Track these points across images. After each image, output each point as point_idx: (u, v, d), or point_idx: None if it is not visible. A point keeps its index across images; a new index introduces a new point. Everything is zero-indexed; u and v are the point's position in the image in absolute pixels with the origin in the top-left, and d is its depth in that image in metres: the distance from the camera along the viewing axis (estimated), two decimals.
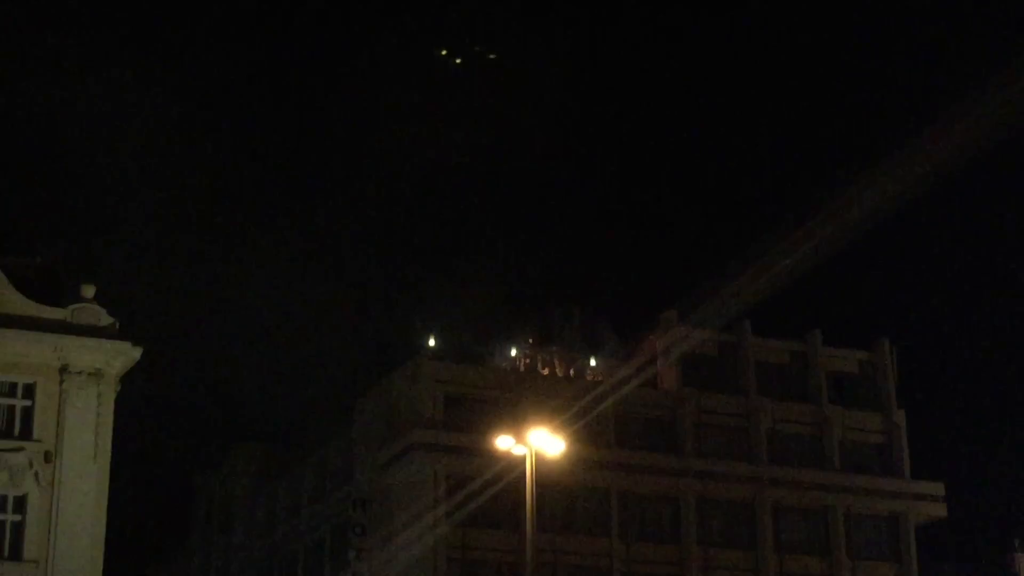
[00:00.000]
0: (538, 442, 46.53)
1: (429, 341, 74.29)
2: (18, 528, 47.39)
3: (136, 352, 49.99)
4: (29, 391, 48.64)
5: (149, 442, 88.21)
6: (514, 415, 67.46)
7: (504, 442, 48.00)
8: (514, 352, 75.83)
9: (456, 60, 72.24)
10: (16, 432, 48.21)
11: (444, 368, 71.95)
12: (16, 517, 47.52)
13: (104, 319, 49.85)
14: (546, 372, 75.86)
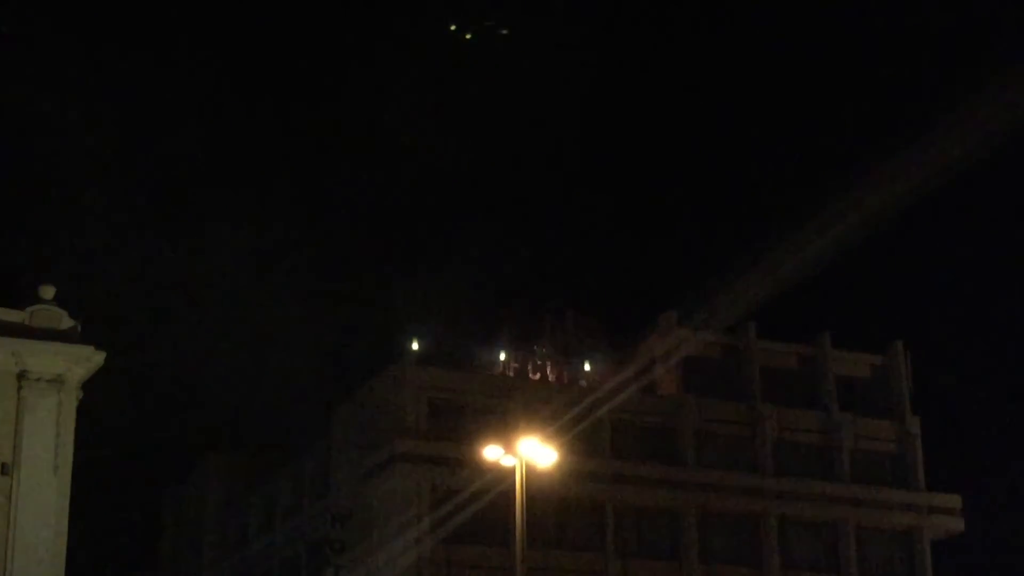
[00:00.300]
0: (528, 452, 46.91)
1: (412, 344, 74.21)
2: None
3: (99, 357, 49.78)
4: None
5: (113, 453, 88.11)
6: (503, 423, 67.96)
7: (492, 452, 48.46)
8: (503, 356, 75.88)
9: (467, 36, 72.40)
10: None
11: (428, 373, 72.02)
12: None
13: (65, 322, 49.67)
14: (537, 377, 75.92)
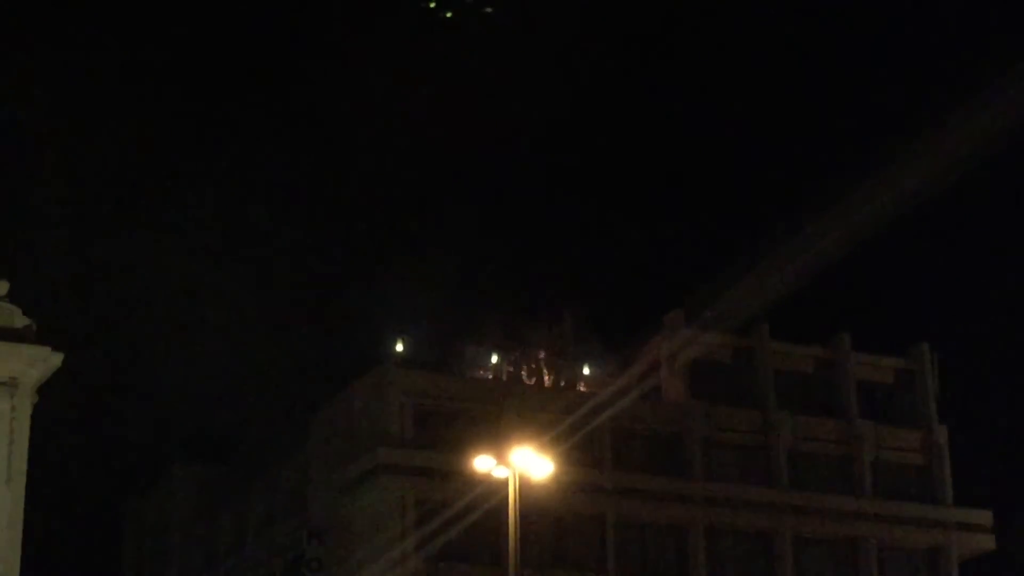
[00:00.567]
0: (523, 463, 46.67)
1: (397, 346, 74.32)
2: None
3: (56, 358, 50.27)
4: None
5: (72, 462, 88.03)
6: (495, 432, 67.64)
7: (483, 463, 48.21)
8: (495, 359, 75.93)
9: (446, 14, 71.76)
10: None
11: (414, 377, 71.91)
12: None
13: (19, 320, 49.79)
14: (532, 382, 76.04)
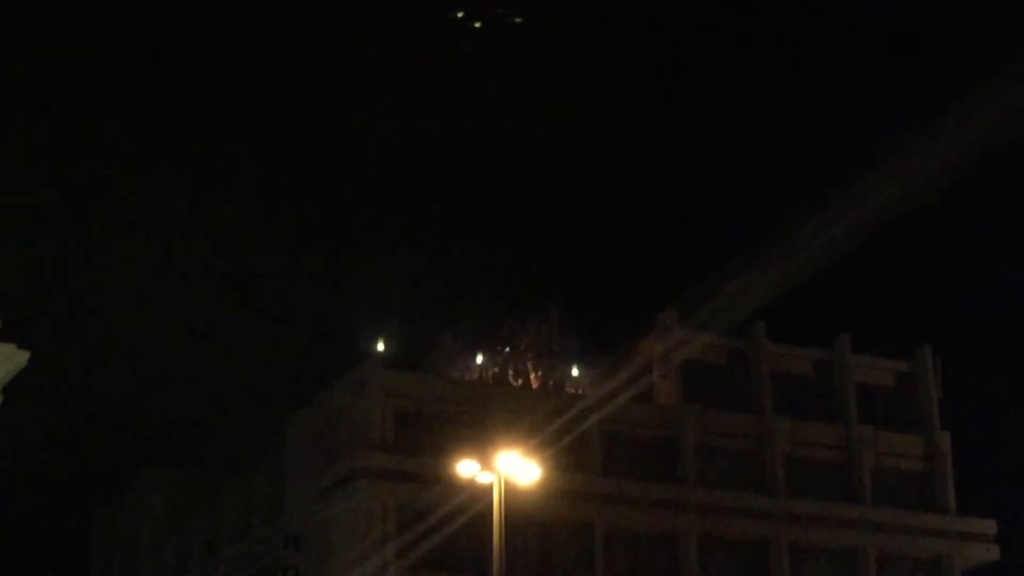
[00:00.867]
0: (508, 468, 46.88)
1: (377, 346, 74.48)
2: None
3: (22, 356, 49.56)
4: None
5: (38, 465, 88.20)
6: (479, 435, 67.73)
7: (467, 468, 48.41)
8: (480, 360, 76.22)
9: (475, 24, 73.17)
10: None
11: (395, 379, 71.92)
12: None
13: None
14: (518, 383, 76.24)
